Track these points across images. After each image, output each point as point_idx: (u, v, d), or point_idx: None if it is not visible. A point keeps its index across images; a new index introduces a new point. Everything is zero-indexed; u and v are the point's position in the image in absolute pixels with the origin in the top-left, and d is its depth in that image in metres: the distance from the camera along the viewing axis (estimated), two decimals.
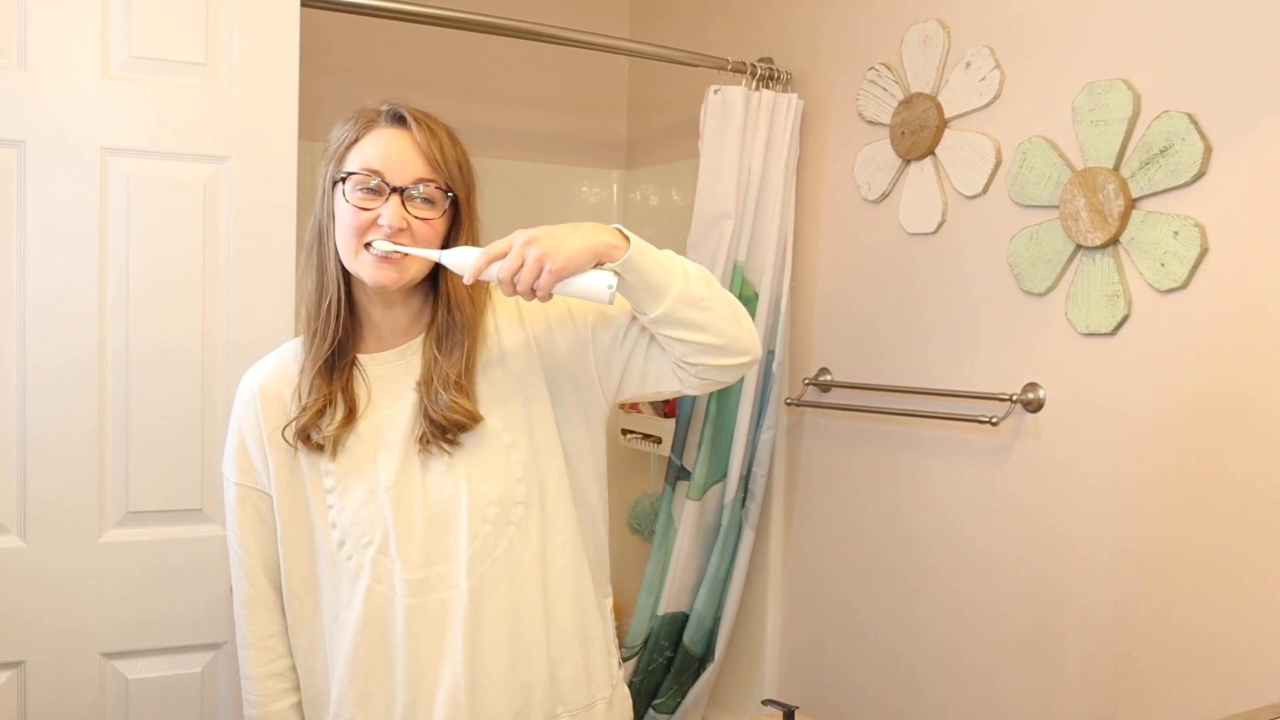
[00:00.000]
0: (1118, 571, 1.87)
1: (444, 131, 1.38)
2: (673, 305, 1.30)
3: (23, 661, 1.79)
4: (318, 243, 1.40)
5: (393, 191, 1.33)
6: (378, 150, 1.34)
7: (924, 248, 2.27)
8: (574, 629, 1.45)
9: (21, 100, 1.75)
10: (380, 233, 1.33)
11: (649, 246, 1.30)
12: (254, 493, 1.45)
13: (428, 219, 1.35)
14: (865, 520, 2.41)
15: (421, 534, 1.38)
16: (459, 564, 1.38)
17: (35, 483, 1.78)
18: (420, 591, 1.38)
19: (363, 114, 1.38)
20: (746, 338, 1.38)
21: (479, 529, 1.38)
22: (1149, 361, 1.83)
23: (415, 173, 1.34)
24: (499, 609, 1.39)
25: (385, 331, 1.44)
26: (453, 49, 3.01)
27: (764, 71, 2.54)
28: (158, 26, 1.83)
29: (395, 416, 1.41)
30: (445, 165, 1.36)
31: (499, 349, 1.44)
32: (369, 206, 1.33)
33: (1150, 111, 1.81)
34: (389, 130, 1.36)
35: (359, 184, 1.34)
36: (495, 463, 1.39)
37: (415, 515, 1.38)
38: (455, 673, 1.38)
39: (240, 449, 1.46)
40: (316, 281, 1.41)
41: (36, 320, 1.77)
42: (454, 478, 1.38)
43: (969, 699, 2.15)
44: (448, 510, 1.38)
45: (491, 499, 1.38)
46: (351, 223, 1.34)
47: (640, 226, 3.25)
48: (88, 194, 1.79)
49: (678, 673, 2.64)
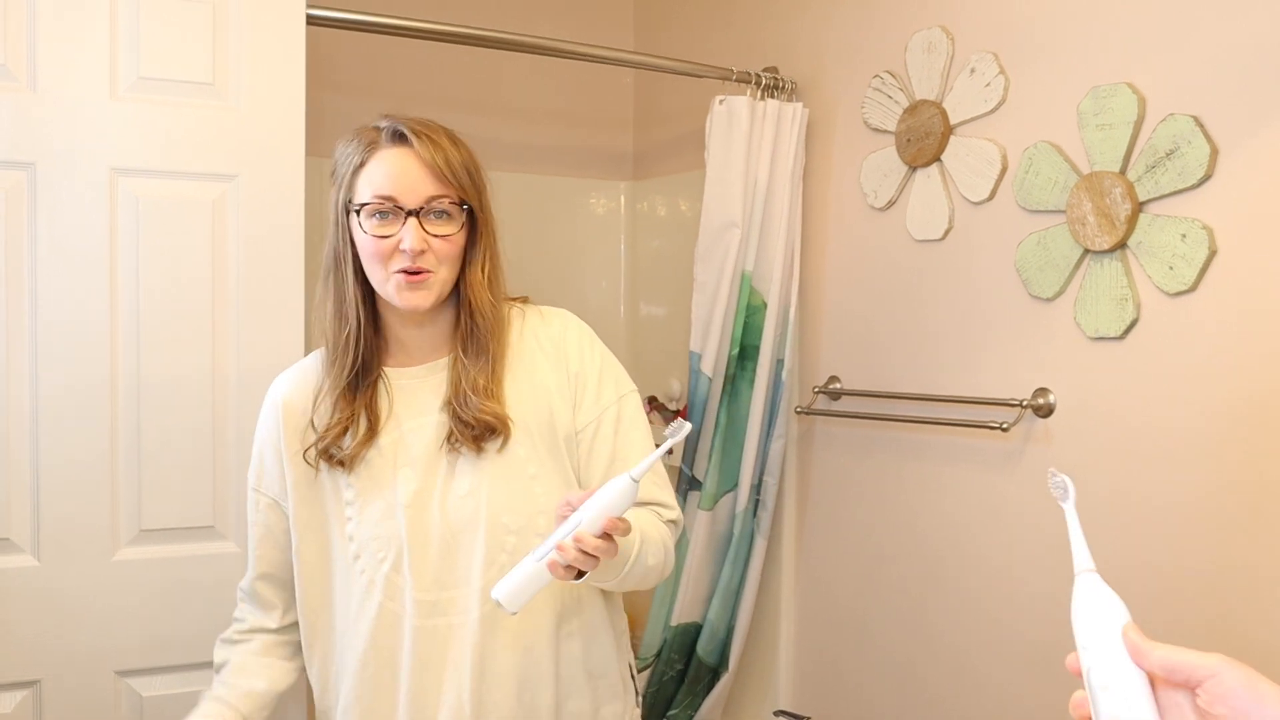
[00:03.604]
0: (1131, 577, 1.86)
1: (445, 139, 1.38)
2: (618, 583, 1.37)
3: (38, 680, 1.79)
4: (334, 271, 1.41)
5: (409, 215, 1.33)
6: (386, 173, 1.34)
7: (931, 255, 2.27)
8: (582, 663, 1.44)
9: (30, 122, 1.76)
10: (404, 258, 1.33)
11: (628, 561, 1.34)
12: (269, 502, 1.46)
13: (447, 235, 1.36)
14: (877, 528, 2.41)
15: (436, 555, 1.38)
16: (471, 590, 1.37)
17: (48, 502, 1.79)
18: (430, 614, 1.38)
19: (364, 134, 1.38)
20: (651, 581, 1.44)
21: (495, 557, 1.37)
22: (1159, 365, 1.82)
23: (427, 191, 1.34)
24: (510, 639, 1.38)
25: (413, 349, 1.45)
26: (458, 64, 3.03)
27: (769, 81, 2.55)
28: (165, 47, 1.84)
29: (418, 431, 1.41)
30: (454, 176, 1.36)
31: (530, 376, 1.44)
32: (388, 234, 1.34)
33: (1155, 115, 1.80)
34: (393, 150, 1.35)
35: (373, 212, 1.34)
36: (518, 492, 1.39)
37: (431, 535, 1.38)
38: (460, 699, 1.37)
39: (260, 458, 1.48)
40: (335, 311, 1.41)
41: (48, 340, 1.78)
42: (474, 502, 1.38)
43: (983, 707, 2.14)
44: (465, 534, 1.38)
45: (511, 529, 1.38)
46: (373, 252, 1.35)
47: (648, 237, 3.27)
48: (97, 215, 1.80)
49: (691, 683, 2.63)
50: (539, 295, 1.58)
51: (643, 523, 1.37)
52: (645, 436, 1.49)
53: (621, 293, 3.35)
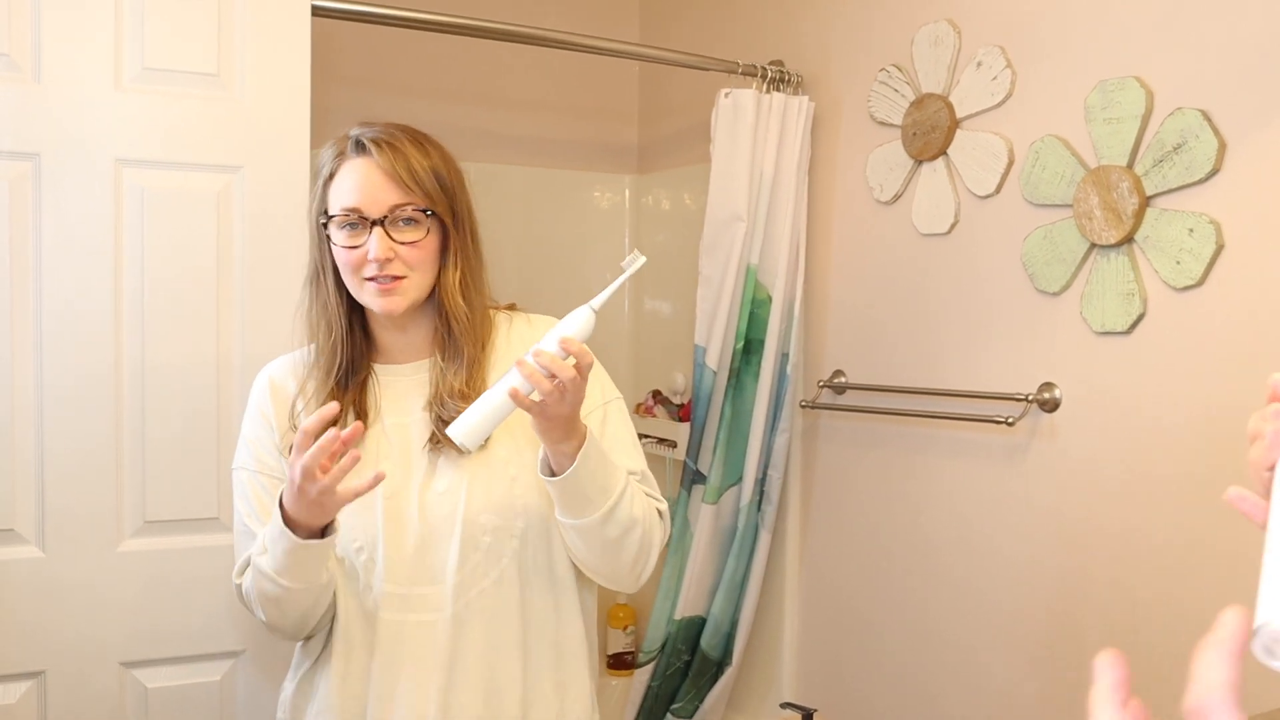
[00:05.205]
0: (1137, 572, 1.86)
1: (410, 145, 1.38)
2: (600, 521, 1.35)
3: (43, 671, 1.79)
4: (316, 280, 1.43)
5: (373, 224, 1.35)
6: (350, 185, 1.36)
7: (937, 248, 2.26)
8: (551, 673, 1.43)
9: (35, 113, 1.76)
10: (372, 267, 1.35)
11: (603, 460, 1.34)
12: (272, 480, 1.44)
13: (414, 242, 1.36)
14: (881, 522, 2.40)
15: (412, 550, 1.38)
16: (445, 588, 1.37)
17: (53, 493, 1.79)
18: (400, 608, 1.38)
19: (337, 143, 1.41)
20: (627, 580, 1.44)
21: (470, 555, 1.38)
22: (1165, 360, 1.82)
23: (389, 200, 1.35)
24: (480, 640, 1.38)
25: (398, 351, 1.46)
26: (463, 56, 3.02)
27: (775, 74, 2.54)
28: (170, 38, 1.84)
29: (402, 429, 1.42)
30: (418, 183, 1.36)
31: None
32: (356, 244, 1.36)
33: (1163, 109, 1.79)
34: (356, 161, 1.37)
35: (341, 224, 1.36)
36: (497, 491, 1.39)
37: (408, 529, 1.38)
38: (426, 698, 1.36)
39: (255, 441, 1.47)
40: (320, 318, 1.44)
41: (53, 331, 1.78)
42: (452, 499, 1.38)
43: (986, 700, 2.14)
44: (441, 530, 1.38)
45: (488, 528, 1.38)
46: (345, 262, 1.37)
47: (653, 231, 3.26)
48: (102, 205, 1.80)
49: (695, 677, 2.63)
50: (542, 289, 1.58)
51: (631, 486, 1.38)
52: (632, 439, 1.50)
53: (627, 286, 3.34)
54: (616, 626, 3.13)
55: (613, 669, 3.13)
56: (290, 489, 1.26)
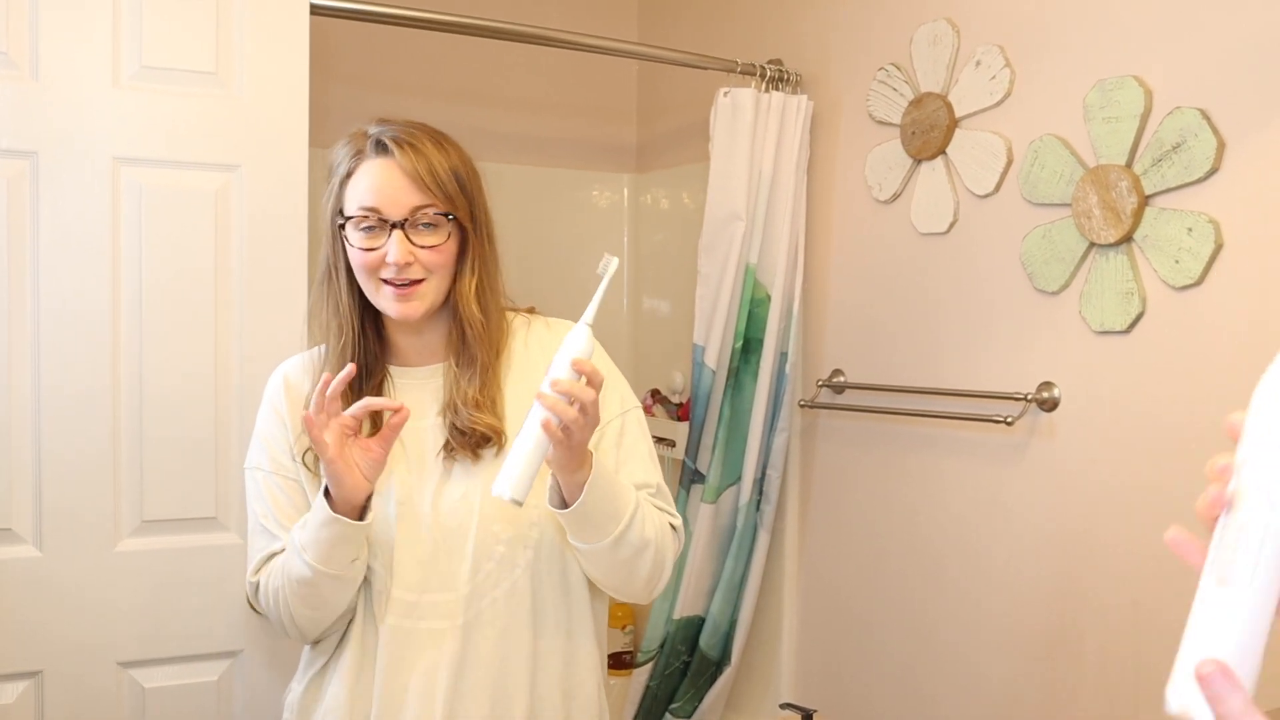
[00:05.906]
0: (1136, 571, 1.85)
1: (431, 145, 1.36)
2: (610, 546, 1.33)
3: (40, 671, 1.79)
4: (328, 281, 1.41)
5: (393, 227, 1.33)
6: (369, 186, 1.34)
7: (936, 248, 2.26)
8: (560, 682, 1.42)
9: (33, 111, 1.75)
10: (390, 270, 1.33)
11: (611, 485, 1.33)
12: (287, 481, 1.43)
13: (434, 246, 1.35)
14: (880, 521, 2.40)
15: (424, 556, 1.37)
16: (456, 596, 1.36)
17: (50, 492, 1.78)
18: (409, 615, 1.36)
19: (354, 140, 1.38)
20: (641, 595, 1.43)
21: (483, 564, 1.36)
22: (1164, 359, 1.82)
23: (410, 202, 1.33)
24: (489, 649, 1.37)
25: (413, 354, 1.45)
26: (461, 55, 3.02)
27: (773, 73, 2.54)
28: (168, 36, 1.84)
29: (417, 434, 1.40)
30: (439, 185, 1.34)
31: (532, 386, 1.42)
32: (374, 246, 1.33)
33: (1162, 108, 1.79)
34: (377, 161, 1.35)
35: (359, 225, 1.34)
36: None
37: (421, 535, 1.37)
38: (432, 706, 1.35)
39: (270, 440, 1.44)
40: (331, 319, 1.41)
41: (51, 330, 1.77)
42: (467, 507, 1.37)
43: (984, 699, 2.14)
44: (455, 538, 1.37)
45: (501, 538, 1.37)
46: (361, 264, 1.35)
47: (651, 230, 3.26)
48: (100, 204, 1.80)
49: (694, 677, 2.63)
50: (541, 288, 1.57)
51: (643, 505, 1.37)
52: (649, 451, 1.48)
53: (625, 285, 3.34)
54: (615, 626, 3.13)
55: (611, 669, 3.12)
56: (321, 450, 1.27)
